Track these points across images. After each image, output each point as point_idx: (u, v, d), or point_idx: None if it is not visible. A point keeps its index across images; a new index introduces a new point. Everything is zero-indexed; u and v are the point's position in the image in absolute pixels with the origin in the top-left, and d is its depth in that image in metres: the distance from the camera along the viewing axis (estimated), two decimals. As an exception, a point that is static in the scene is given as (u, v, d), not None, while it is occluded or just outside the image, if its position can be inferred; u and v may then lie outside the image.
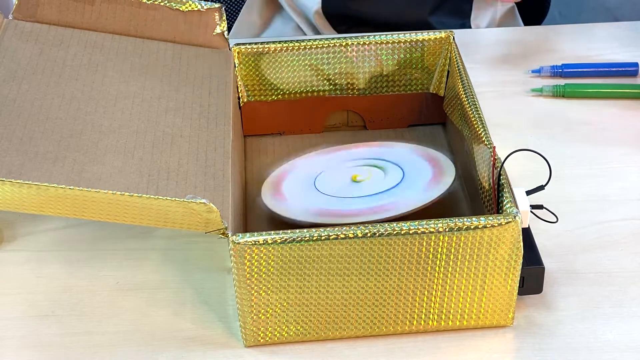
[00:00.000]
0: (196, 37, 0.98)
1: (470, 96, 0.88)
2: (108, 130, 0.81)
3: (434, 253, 0.74)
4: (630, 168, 0.98)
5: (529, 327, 0.80)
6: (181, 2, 0.96)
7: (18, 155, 0.75)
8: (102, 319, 0.82)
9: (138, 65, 0.92)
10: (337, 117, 1.03)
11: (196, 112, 0.87)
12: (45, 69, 0.87)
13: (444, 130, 1.03)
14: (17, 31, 0.92)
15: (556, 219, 0.81)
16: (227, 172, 0.79)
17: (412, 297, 0.76)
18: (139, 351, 0.79)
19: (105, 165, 0.76)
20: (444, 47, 0.99)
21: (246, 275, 0.73)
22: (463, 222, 0.72)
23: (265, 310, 0.76)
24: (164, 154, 0.80)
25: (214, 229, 0.73)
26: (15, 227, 0.92)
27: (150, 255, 0.88)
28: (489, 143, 0.81)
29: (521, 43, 1.20)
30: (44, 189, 0.72)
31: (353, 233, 0.72)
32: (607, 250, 0.87)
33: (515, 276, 0.76)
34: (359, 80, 1.00)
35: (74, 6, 0.95)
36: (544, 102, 1.09)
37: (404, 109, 1.03)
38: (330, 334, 0.78)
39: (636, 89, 1.09)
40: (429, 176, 0.88)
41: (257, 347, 0.79)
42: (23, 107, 0.81)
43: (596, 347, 0.78)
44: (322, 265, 0.73)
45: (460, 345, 0.78)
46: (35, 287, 0.85)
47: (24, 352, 0.79)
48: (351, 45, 0.99)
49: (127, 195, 0.72)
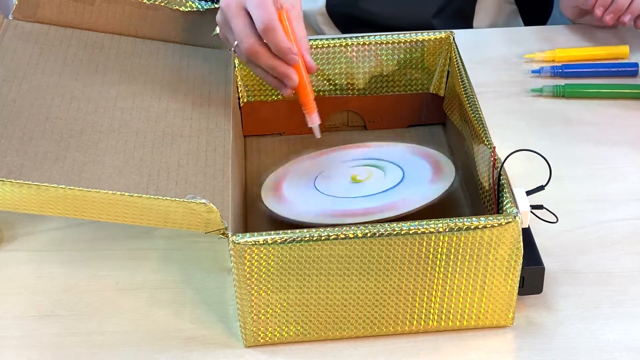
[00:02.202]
0: (196, 37, 0.98)
1: (470, 96, 0.88)
2: (108, 130, 0.81)
3: (434, 253, 0.74)
4: (631, 168, 0.98)
5: (529, 327, 0.80)
6: (181, 3, 0.96)
7: (18, 155, 0.75)
8: (102, 319, 0.82)
9: (138, 65, 0.92)
10: (337, 117, 1.03)
11: (196, 112, 0.87)
12: (45, 69, 0.87)
13: (444, 130, 1.03)
14: (17, 31, 0.92)
15: (556, 219, 0.81)
16: (227, 172, 0.79)
17: (412, 297, 0.76)
18: (139, 351, 0.79)
19: (105, 165, 0.76)
20: (444, 47, 0.99)
21: (246, 276, 0.73)
22: (463, 222, 0.72)
23: (265, 310, 0.76)
24: (164, 154, 0.80)
25: (214, 229, 0.73)
26: (15, 227, 0.92)
27: (150, 255, 0.88)
28: (489, 143, 0.81)
29: (521, 43, 1.20)
30: (44, 189, 0.72)
31: (353, 233, 0.72)
32: (607, 250, 0.87)
33: (516, 276, 0.76)
34: (359, 80, 1.00)
35: (74, 6, 0.95)
36: (544, 102, 1.09)
37: (404, 109, 1.03)
38: (330, 334, 0.78)
39: (636, 89, 1.09)
40: (429, 176, 0.88)
41: (257, 347, 0.79)
42: (23, 107, 0.81)
43: (596, 347, 0.78)
44: (322, 265, 0.73)
45: (460, 345, 0.78)
46: (35, 287, 0.85)
47: (24, 352, 0.79)
48: (351, 45, 0.99)
49: (127, 195, 0.72)
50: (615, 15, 1.12)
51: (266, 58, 0.83)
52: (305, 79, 0.85)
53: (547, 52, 1.15)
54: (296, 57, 0.83)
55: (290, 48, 0.82)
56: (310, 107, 0.87)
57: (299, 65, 0.84)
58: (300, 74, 0.84)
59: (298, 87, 0.85)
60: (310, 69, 0.85)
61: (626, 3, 1.11)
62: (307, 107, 0.87)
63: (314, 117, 0.88)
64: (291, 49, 0.82)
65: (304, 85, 0.85)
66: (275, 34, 0.80)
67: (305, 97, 0.86)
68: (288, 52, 0.82)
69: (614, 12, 1.12)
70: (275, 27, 0.80)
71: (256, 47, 0.82)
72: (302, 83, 0.85)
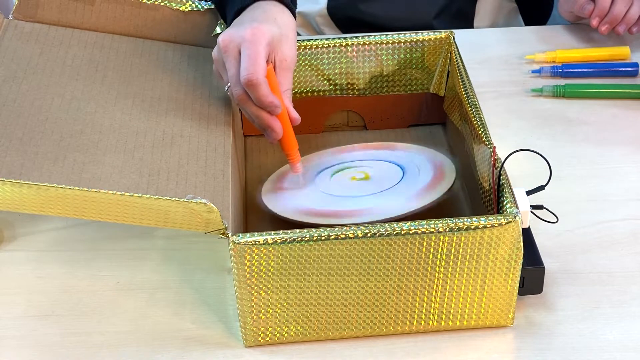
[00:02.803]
0: (196, 37, 0.98)
1: (470, 96, 0.88)
2: (108, 130, 0.81)
3: (434, 253, 0.74)
4: (630, 168, 0.98)
5: (529, 327, 0.80)
6: (181, 3, 0.96)
7: (18, 155, 0.75)
8: (102, 319, 0.82)
9: (138, 65, 0.92)
10: (337, 117, 1.03)
11: (196, 112, 0.87)
12: (45, 69, 0.87)
13: (444, 130, 1.03)
14: (17, 31, 0.92)
15: (556, 219, 0.81)
16: (227, 172, 0.79)
17: (412, 297, 0.76)
18: (139, 351, 0.79)
19: (105, 165, 0.76)
20: (444, 47, 0.99)
21: (246, 276, 0.73)
22: (463, 222, 0.72)
23: (265, 310, 0.76)
24: (164, 154, 0.80)
25: (214, 229, 0.73)
26: (15, 227, 0.92)
27: (150, 255, 0.88)
28: (489, 143, 0.81)
29: (521, 43, 1.20)
30: (44, 189, 0.72)
31: (353, 233, 0.72)
32: (607, 250, 0.87)
33: (516, 276, 0.76)
34: (359, 80, 1.00)
35: (74, 6, 0.95)
36: (544, 102, 1.09)
37: (404, 109, 1.03)
38: (330, 334, 0.78)
39: (636, 89, 1.09)
40: (427, 181, 0.88)
41: (257, 347, 0.79)
42: (23, 107, 0.81)
43: (596, 347, 0.78)
44: (322, 265, 0.73)
45: (460, 345, 0.78)
46: (35, 287, 0.85)
47: (24, 352, 0.79)
48: (351, 45, 0.99)
49: (127, 196, 0.72)
50: (610, 25, 1.13)
51: (253, 108, 0.83)
52: (289, 129, 0.86)
53: (547, 53, 1.15)
54: (278, 110, 0.83)
55: (272, 102, 0.82)
56: (293, 157, 0.89)
57: (284, 115, 0.85)
58: (285, 124, 0.85)
59: (282, 138, 0.86)
60: (293, 121, 0.86)
61: (621, 14, 1.12)
62: (290, 157, 0.89)
63: (298, 167, 0.90)
64: (273, 102, 0.82)
65: (288, 135, 0.86)
66: (258, 89, 0.81)
67: (288, 147, 0.88)
68: (269, 105, 0.82)
69: (609, 23, 1.12)
70: (259, 83, 0.81)
71: (244, 96, 0.83)
72: (286, 133, 0.86)
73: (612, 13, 1.12)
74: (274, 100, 0.82)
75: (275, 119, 0.84)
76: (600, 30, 1.13)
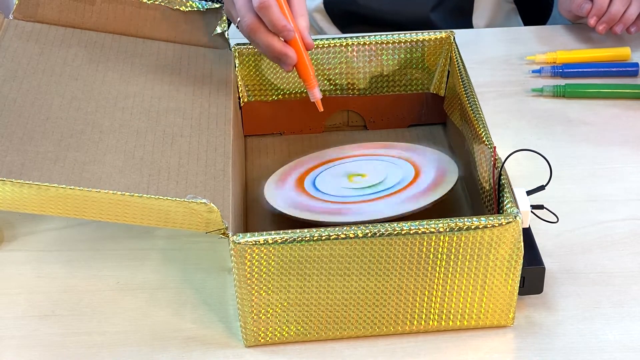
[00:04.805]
0: (196, 37, 0.98)
1: (470, 96, 0.88)
2: (108, 130, 0.81)
3: (435, 253, 0.74)
4: (630, 168, 0.98)
5: (529, 327, 0.80)
6: (181, 2, 0.96)
7: (18, 155, 0.75)
8: (102, 319, 0.82)
9: (138, 65, 0.92)
10: (337, 117, 1.03)
11: (196, 112, 0.87)
12: (45, 69, 0.87)
13: (444, 130, 1.03)
14: (17, 31, 0.92)
15: (556, 219, 0.81)
16: (228, 172, 0.79)
17: (412, 297, 0.76)
18: (139, 351, 0.79)
19: (106, 165, 0.76)
20: (445, 47, 0.99)
21: (246, 275, 0.73)
22: (463, 222, 0.72)
23: (265, 310, 0.76)
24: (164, 154, 0.80)
25: (215, 229, 0.73)
26: (15, 227, 0.92)
27: (150, 255, 0.88)
28: (489, 143, 0.81)
29: (521, 43, 1.20)
30: (44, 189, 0.72)
31: (353, 233, 0.72)
32: (608, 250, 0.87)
33: (516, 276, 0.76)
34: (359, 80, 1.00)
35: (74, 6, 0.95)
36: (544, 102, 1.09)
37: (404, 109, 1.03)
38: (330, 334, 0.78)
39: (636, 89, 1.09)
40: (428, 181, 0.87)
41: (257, 347, 0.79)
42: (23, 107, 0.81)
43: (596, 347, 0.78)
44: (322, 265, 0.73)
45: (460, 345, 0.78)
46: (36, 287, 0.85)
47: (24, 352, 0.79)
48: (351, 45, 0.99)
49: (127, 195, 0.72)
50: (608, 25, 1.13)
51: (264, 35, 0.83)
52: (304, 55, 0.85)
53: (548, 54, 1.15)
54: (292, 34, 0.82)
55: (285, 25, 0.82)
56: (310, 83, 0.88)
57: (297, 42, 0.84)
58: (299, 51, 0.85)
59: (297, 64, 0.85)
60: (308, 46, 0.85)
61: (619, 14, 1.12)
62: (307, 83, 0.88)
63: (315, 92, 0.88)
64: (286, 27, 0.82)
65: (303, 61, 0.86)
66: (270, 12, 0.81)
67: (305, 73, 0.87)
68: (283, 29, 0.82)
69: (607, 22, 1.13)
70: (270, 5, 0.80)
71: (255, 24, 0.82)
72: (301, 60, 0.85)
73: (609, 12, 1.12)
74: (287, 25, 0.82)
75: (288, 45, 0.83)
76: (597, 29, 1.14)
